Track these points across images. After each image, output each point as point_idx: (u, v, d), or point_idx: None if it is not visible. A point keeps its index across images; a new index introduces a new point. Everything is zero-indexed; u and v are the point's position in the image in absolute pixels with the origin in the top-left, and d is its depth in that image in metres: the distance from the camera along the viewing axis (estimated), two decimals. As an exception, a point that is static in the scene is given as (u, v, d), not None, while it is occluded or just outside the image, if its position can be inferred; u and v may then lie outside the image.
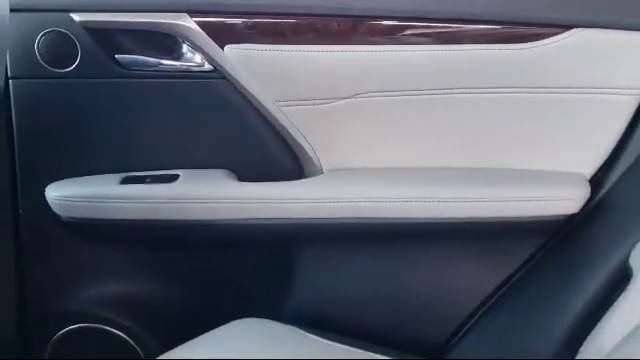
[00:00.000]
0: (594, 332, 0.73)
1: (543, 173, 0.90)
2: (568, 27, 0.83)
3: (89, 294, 0.99)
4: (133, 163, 0.93)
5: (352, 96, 0.89)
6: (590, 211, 0.88)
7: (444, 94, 0.87)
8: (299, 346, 0.81)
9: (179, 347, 0.77)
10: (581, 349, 0.73)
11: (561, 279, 0.86)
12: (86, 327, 0.99)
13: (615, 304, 0.72)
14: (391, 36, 0.87)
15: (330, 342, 0.83)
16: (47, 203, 0.92)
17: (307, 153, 0.93)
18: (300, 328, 0.84)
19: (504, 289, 0.93)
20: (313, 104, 0.90)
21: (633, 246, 0.76)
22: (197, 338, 0.79)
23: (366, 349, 0.82)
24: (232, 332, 0.81)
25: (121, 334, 0.99)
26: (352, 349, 0.82)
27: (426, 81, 0.87)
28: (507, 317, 0.91)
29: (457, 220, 0.87)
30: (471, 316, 0.94)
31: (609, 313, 0.72)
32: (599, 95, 0.86)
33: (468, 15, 0.85)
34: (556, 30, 0.83)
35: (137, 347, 0.99)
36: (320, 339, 0.83)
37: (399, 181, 0.90)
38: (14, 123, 0.90)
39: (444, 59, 0.85)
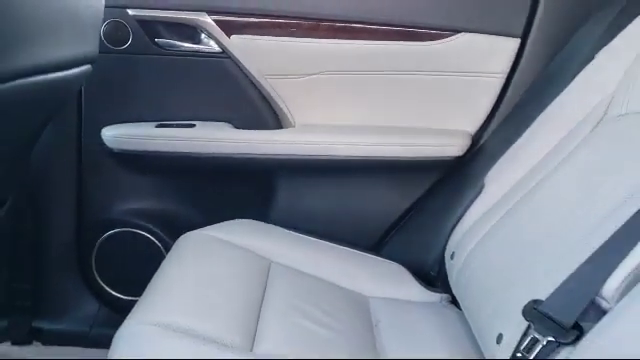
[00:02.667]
0: (457, 226, 1.17)
1: (439, 129, 1.34)
2: (457, 31, 1.28)
3: (128, 207, 1.40)
4: (164, 114, 1.35)
5: (316, 73, 1.32)
6: (472, 155, 1.33)
7: (375, 74, 1.31)
8: (277, 233, 1.24)
9: (199, 229, 1.18)
10: (450, 237, 1.17)
11: (451, 199, 1.29)
12: (124, 231, 1.40)
13: (470, 209, 1.17)
14: (343, 33, 1.30)
15: (299, 234, 1.26)
16: (102, 140, 1.33)
17: (284, 112, 1.36)
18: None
19: (415, 207, 1.37)
20: (290, 78, 1.32)
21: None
22: (209, 226, 1.20)
23: (325, 241, 1.26)
24: (233, 225, 1.23)
25: (149, 236, 1.41)
26: (314, 239, 1.26)
27: (365, 65, 1.31)
28: (416, 226, 1.36)
29: (382, 158, 1.31)
30: (393, 225, 1.38)
31: (467, 214, 1.17)
32: (478, 77, 1.31)
33: (394, 21, 1.28)
34: (449, 33, 1.28)
35: (160, 245, 1.40)
36: (293, 232, 1.26)
37: (345, 132, 1.34)
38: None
39: (376, 50, 1.29)
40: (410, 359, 0.93)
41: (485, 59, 1.30)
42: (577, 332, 0.71)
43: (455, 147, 1.32)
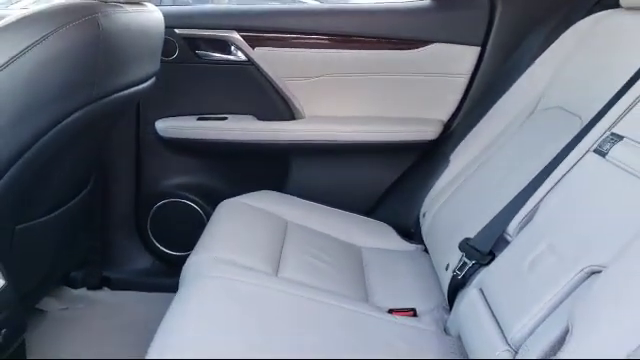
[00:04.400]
0: (429, 193, 1.53)
1: (418, 118, 1.70)
2: (431, 42, 1.64)
3: (175, 182, 1.78)
4: (202, 109, 1.72)
5: (320, 76, 1.69)
6: (443, 139, 1.69)
7: (367, 76, 1.68)
8: (291, 201, 1.62)
9: (233, 198, 1.55)
10: (424, 201, 1.54)
11: (426, 173, 1.65)
12: (172, 201, 1.79)
13: (439, 180, 1.53)
14: (341, 44, 1.66)
15: (309, 202, 1.63)
16: (155, 130, 1.71)
17: (296, 106, 1.72)
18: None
19: (399, 180, 1.74)
20: (300, 80, 1.69)
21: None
22: (239, 196, 1.57)
23: (329, 207, 1.63)
24: (258, 195, 1.60)
25: (191, 204, 1.79)
26: (320, 205, 1.63)
27: (358, 69, 1.67)
28: (399, 194, 1.73)
29: (373, 142, 1.69)
30: (382, 194, 1.75)
31: (436, 183, 1.53)
32: (447, 78, 1.67)
33: (381, 34, 1.64)
34: (424, 43, 1.64)
35: (199, 210, 1.78)
36: (304, 200, 1.64)
37: (344, 122, 1.71)
38: (140, 86, 1.67)
39: (368, 57, 1.66)
40: None
41: (453, 63, 1.66)
42: (490, 257, 1.08)
43: (430, 132, 1.69)
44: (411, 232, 1.61)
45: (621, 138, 0.94)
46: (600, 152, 0.97)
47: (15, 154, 1.02)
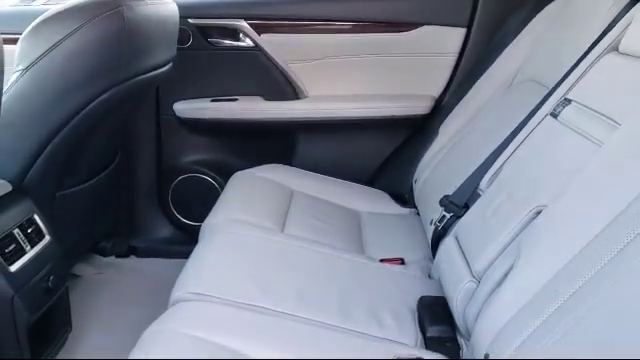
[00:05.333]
0: (421, 161, 1.70)
1: (411, 95, 1.86)
2: (421, 24, 1.79)
3: (192, 159, 1.97)
4: (215, 92, 1.90)
5: (321, 59, 1.85)
6: (434, 113, 1.85)
7: (365, 57, 1.85)
8: (297, 172, 1.79)
9: (244, 170, 1.73)
10: (416, 169, 1.70)
11: (418, 145, 1.81)
12: (190, 176, 1.97)
13: (429, 149, 1.69)
14: (340, 29, 1.82)
15: (313, 173, 1.81)
16: (174, 111, 1.89)
17: (300, 87, 1.89)
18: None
19: (395, 151, 1.90)
20: (303, 63, 1.86)
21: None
22: (250, 169, 1.75)
23: (331, 177, 1.80)
24: (267, 167, 1.78)
25: (207, 178, 1.97)
26: (322, 176, 1.80)
27: (356, 51, 1.84)
28: (395, 165, 1.89)
29: (371, 117, 1.85)
30: (380, 165, 1.92)
31: (427, 153, 1.69)
32: (437, 57, 1.83)
33: (377, 19, 1.80)
34: (415, 25, 1.80)
35: (215, 184, 1.96)
36: (308, 172, 1.81)
37: (344, 100, 1.88)
38: (158, 72, 1.86)
39: (365, 40, 1.82)
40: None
41: (442, 43, 1.81)
42: (465, 209, 1.24)
43: (423, 107, 1.85)
44: (406, 198, 1.78)
45: (570, 102, 1.10)
46: (554, 115, 1.12)
47: (56, 127, 1.21)
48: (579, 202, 0.87)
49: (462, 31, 1.79)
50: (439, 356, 1.02)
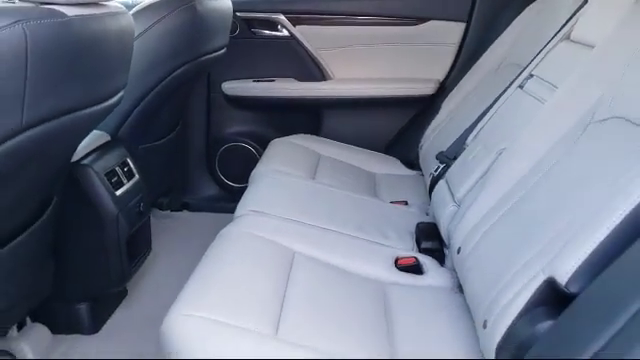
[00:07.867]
0: (426, 131, 2.06)
1: (419, 78, 2.23)
2: (428, 19, 2.16)
3: (235, 130, 2.36)
4: (257, 74, 2.29)
5: (347, 46, 2.23)
6: (438, 93, 2.21)
7: (381, 46, 2.22)
8: (324, 142, 2.17)
9: (280, 138, 2.11)
10: (422, 138, 2.07)
11: (424, 120, 2.17)
12: (234, 144, 2.36)
13: (432, 122, 2.06)
14: (362, 22, 2.20)
15: (337, 142, 2.18)
16: (222, 90, 2.28)
17: (327, 70, 2.27)
18: (324, 138, 2.22)
19: (405, 126, 2.27)
20: (331, 50, 2.24)
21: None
22: (284, 137, 2.13)
23: (355, 146, 2.17)
24: (298, 137, 2.15)
25: (249, 147, 2.36)
26: (345, 144, 2.17)
27: (375, 41, 2.21)
28: (406, 136, 2.26)
29: (386, 96, 2.23)
30: (394, 136, 2.29)
31: (431, 124, 2.06)
32: (442, 46, 2.20)
33: (393, 14, 2.17)
34: (423, 20, 2.17)
35: (254, 152, 2.35)
36: (333, 141, 2.18)
37: (364, 81, 2.26)
38: (210, 57, 2.25)
39: (382, 32, 2.20)
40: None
41: (446, 35, 2.18)
42: (454, 160, 1.61)
43: (429, 88, 2.22)
44: (414, 163, 2.14)
45: (532, 76, 1.46)
46: (521, 86, 1.49)
47: (146, 92, 1.61)
48: (526, 141, 1.24)
49: (462, 25, 2.16)
50: (430, 259, 1.39)
